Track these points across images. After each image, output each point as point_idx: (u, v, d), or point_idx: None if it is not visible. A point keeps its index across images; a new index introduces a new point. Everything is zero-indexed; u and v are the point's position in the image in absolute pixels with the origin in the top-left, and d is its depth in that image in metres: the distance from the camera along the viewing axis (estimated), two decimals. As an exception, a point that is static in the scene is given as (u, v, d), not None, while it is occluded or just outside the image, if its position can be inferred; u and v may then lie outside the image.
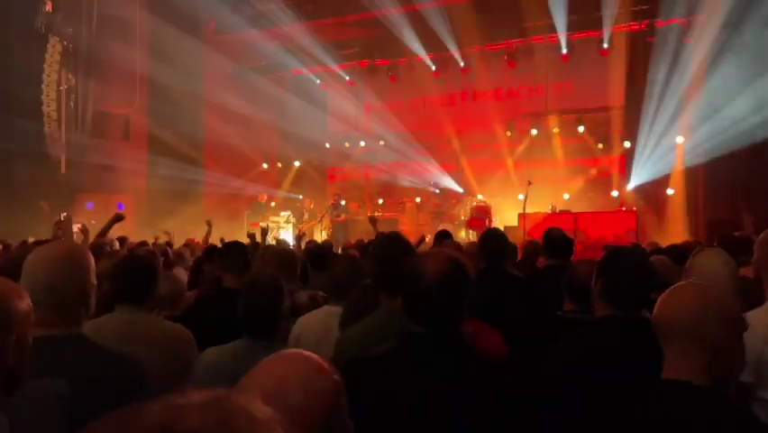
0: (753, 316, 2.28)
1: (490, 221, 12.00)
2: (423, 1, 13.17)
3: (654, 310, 1.67)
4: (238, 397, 0.72)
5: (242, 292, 2.59)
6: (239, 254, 3.82)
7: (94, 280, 1.93)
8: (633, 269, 2.32)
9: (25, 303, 1.56)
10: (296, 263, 4.16)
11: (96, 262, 2.03)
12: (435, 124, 15.24)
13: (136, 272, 2.76)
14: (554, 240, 4.50)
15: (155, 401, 0.68)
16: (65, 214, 11.21)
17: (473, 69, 14.62)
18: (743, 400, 2.12)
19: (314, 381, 1.19)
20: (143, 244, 6.89)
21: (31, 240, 6.68)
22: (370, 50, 15.22)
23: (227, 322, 2.78)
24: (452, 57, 14.47)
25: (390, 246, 2.47)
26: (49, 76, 13.28)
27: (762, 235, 2.45)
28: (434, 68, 14.93)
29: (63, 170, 13.44)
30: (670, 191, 12.61)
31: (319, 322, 3.17)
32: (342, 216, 13.23)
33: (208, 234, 7.34)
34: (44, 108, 13.14)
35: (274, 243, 9.33)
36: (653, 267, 3.61)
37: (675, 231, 11.72)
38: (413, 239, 5.48)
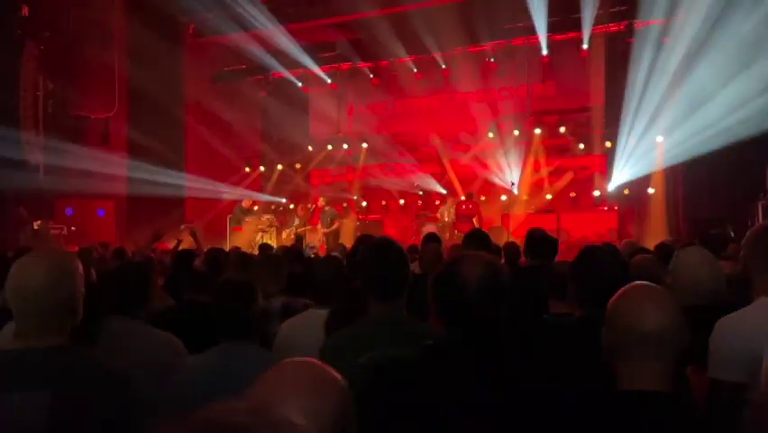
0: (742, 314, 2.29)
1: (480, 221, 12.04)
2: (404, 3, 13.16)
3: (606, 318, 1.62)
4: (273, 407, 0.76)
5: (214, 296, 2.56)
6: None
7: (82, 288, 1.86)
8: (606, 269, 2.30)
9: None
10: (284, 269, 4.12)
11: (83, 268, 1.98)
12: (418, 125, 15.26)
13: (132, 282, 2.75)
14: (536, 240, 4.50)
15: (201, 409, 0.71)
16: (39, 222, 11.10)
17: (455, 70, 14.65)
18: (735, 401, 2.11)
19: (322, 390, 1.14)
20: (121, 250, 6.79)
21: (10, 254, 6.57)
22: (351, 53, 15.19)
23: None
24: (433, 59, 14.48)
25: (384, 251, 2.43)
26: (26, 81, 13.08)
27: (748, 234, 2.45)
28: (415, 70, 14.94)
29: (41, 175, 13.24)
30: (650, 190, 12.72)
31: (305, 327, 3.12)
32: (336, 223, 13.20)
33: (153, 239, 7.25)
34: (21, 113, 12.94)
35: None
36: (626, 265, 3.63)
37: (656, 229, 11.83)
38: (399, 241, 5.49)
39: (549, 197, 13.97)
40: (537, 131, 14.31)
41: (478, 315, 1.76)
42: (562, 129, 14.15)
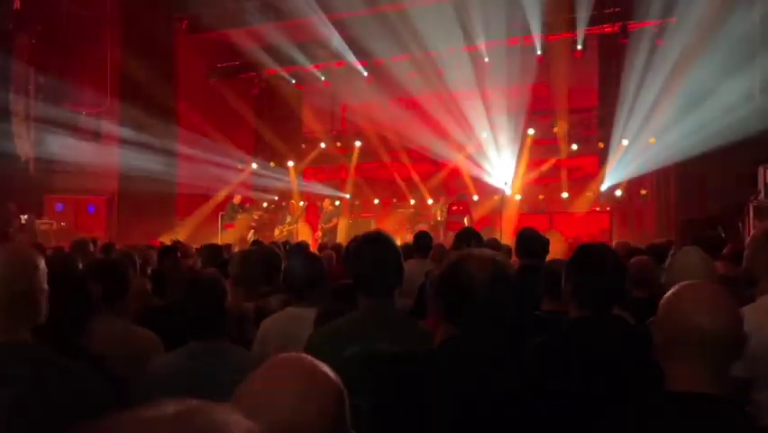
0: (746, 311, 2.28)
1: (471, 221, 12.03)
2: (399, 1, 13.13)
3: (658, 316, 1.54)
4: (213, 409, 0.69)
5: (182, 293, 2.50)
6: None
7: (44, 284, 1.80)
8: (604, 269, 2.28)
9: None
10: (279, 266, 4.08)
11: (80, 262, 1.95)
12: (411, 124, 15.22)
13: (108, 278, 2.72)
14: (528, 239, 4.46)
15: (123, 416, 0.66)
16: (26, 216, 11.03)
17: (449, 69, 14.62)
18: (740, 397, 2.09)
19: (314, 390, 1.09)
20: (110, 246, 6.76)
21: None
22: (346, 51, 15.14)
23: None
24: (427, 58, 14.44)
25: (375, 246, 2.37)
26: (17, 74, 12.98)
27: (755, 234, 2.44)
28: (410, 68, 14.90)
29: (32, 170, 13.14)
30: (643, 191, 12.76)
31: (282, 325, 3.09)
32: (334, 221, 13.17)
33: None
34: (12, 107, 12.84)
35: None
36: (625, 266, 3.63)
37: (648, 230, 11.86)
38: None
39: (541, 197, 13.98)
40: (531, 131, 14.32)
41: (485, 314, 1.72)
42: (556, 129, 14.16)
